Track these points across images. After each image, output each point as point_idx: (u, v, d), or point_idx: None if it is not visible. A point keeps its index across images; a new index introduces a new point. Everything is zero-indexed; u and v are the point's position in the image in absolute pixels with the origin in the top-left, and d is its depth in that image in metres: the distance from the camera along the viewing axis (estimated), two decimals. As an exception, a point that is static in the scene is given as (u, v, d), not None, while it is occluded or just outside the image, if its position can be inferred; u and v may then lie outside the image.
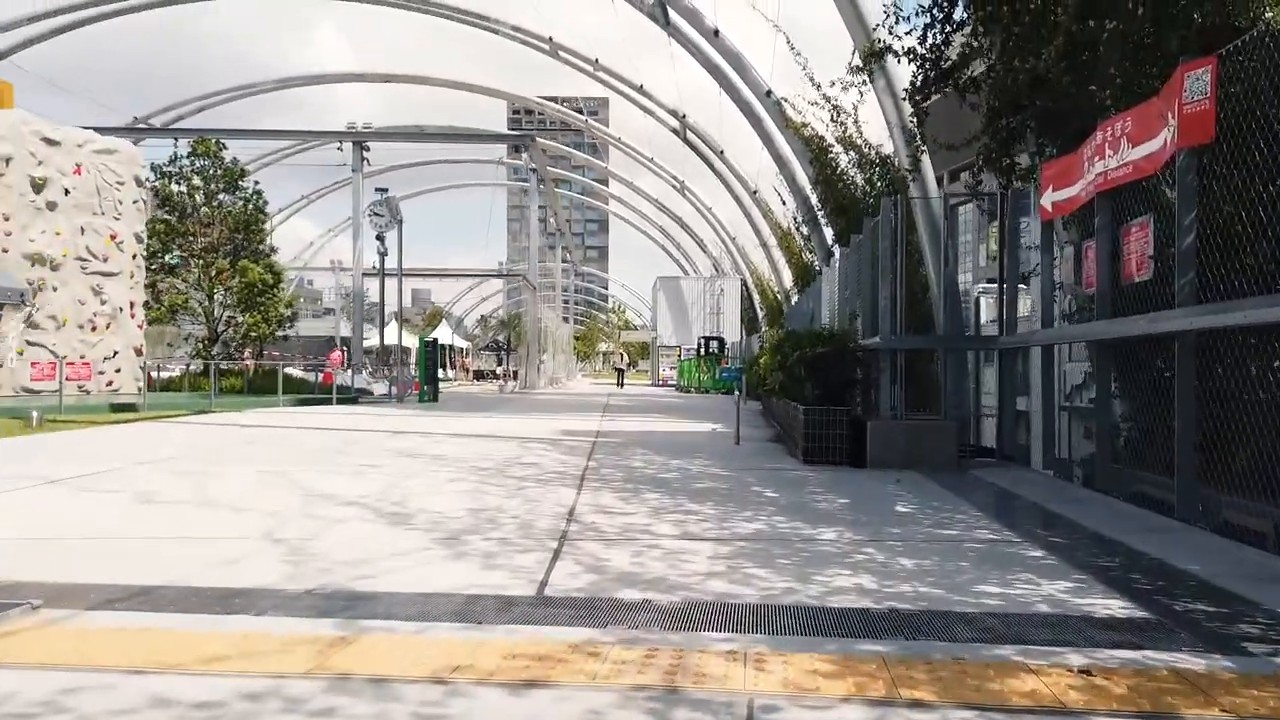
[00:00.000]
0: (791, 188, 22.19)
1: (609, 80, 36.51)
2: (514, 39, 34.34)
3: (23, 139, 17.43)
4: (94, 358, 18.80)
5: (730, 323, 49.38)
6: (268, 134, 33.27)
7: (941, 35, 8.91)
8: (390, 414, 16.43)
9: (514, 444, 10.33)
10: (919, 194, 12.00)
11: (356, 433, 11.76)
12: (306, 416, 15.06)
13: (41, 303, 17.83)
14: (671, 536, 4.71)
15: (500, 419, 15.43)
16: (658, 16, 21.98)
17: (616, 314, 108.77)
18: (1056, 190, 6.91)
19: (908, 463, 8.18)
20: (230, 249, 25.40)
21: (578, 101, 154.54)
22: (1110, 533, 4.86)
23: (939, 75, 8.92)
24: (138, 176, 19.86)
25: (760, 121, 22.33)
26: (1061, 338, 6.64)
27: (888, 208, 8.70)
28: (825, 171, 18.65)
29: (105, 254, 19.03)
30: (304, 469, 7.52)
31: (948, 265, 9.20)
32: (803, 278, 27.13)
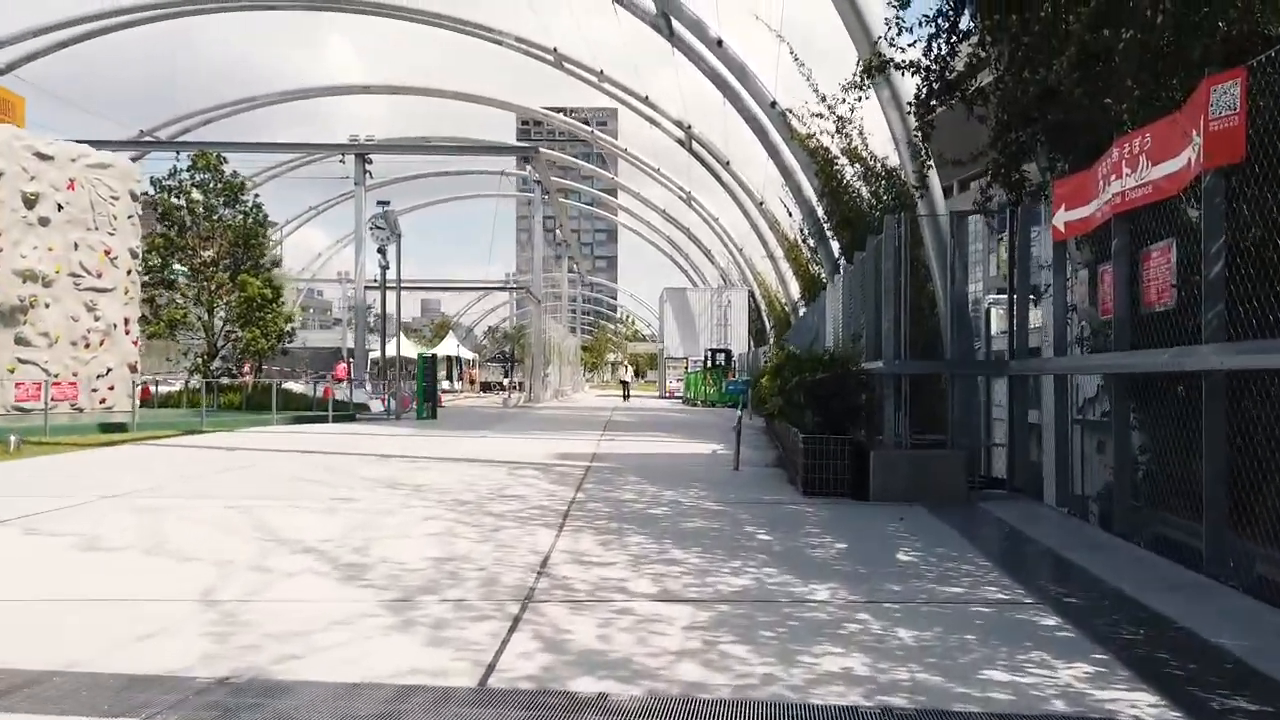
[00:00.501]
0: (797, 199, 21.82)
1: (614, 91, 36.27)
2: (517, 49, 34.12)
3: (14, 154, 17.19)
4: (87, 375, 18.53)
5: (737, 334, 48.98)
6: (270, 147, 33.09)
7: (947, 46, 8.51)
8: (384, 433, 16.06)
9: (503, 471, 9.93)
10: (926, 211, 11.58)
11: (342, 457, 11.38)
12: (296, 437, 14.69)
13: (33, 319, 17.58)
14: (648, 596, 4.29)
15: (495, 439, 15.04)
16: (661, 27, 21.67)
17: (625, 325, 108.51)
18: (1069, 209, 6.48)
19: (913, 494, 7.74)
20: (230, 263, 25.13)
21: (586, 112, 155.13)
22: (1132, 589, 4.42)
23: (944, 88, 8.51)
24: (133, 191, 19.61)
25: (765, 132, 21.99)
26: (1077, 368, 6.20)
27: (891, 226, 8.27)
28: (831, 183, 18.26)
29: (99, 270, 18.77)
30: (274, 504, 7.13)
31: (955, 285, 8.77)
32: (810, 290, 26.71)
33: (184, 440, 13.80)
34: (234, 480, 8.77)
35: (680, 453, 13.00)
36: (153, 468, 9.92)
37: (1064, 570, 5.11)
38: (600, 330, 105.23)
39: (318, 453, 11.91)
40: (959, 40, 8.57)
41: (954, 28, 8.50)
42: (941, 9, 8.49)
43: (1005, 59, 7.93)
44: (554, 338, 49.64)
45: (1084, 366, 6.03)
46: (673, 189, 47.66)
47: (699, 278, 65.68)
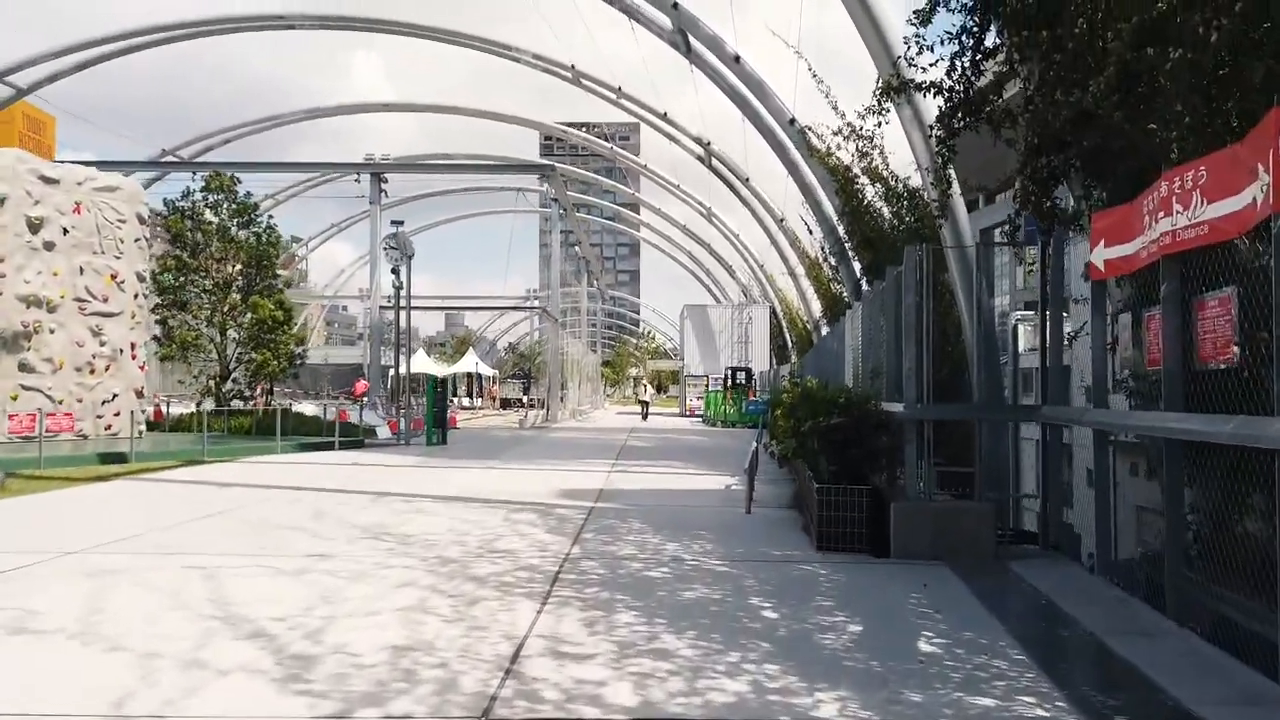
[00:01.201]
0: (818, 217, 21.26)
1: (632, 108, 35.91)
2: (536, 67, 33.87)
3: (18, 178, 16.96)
4: (92, 401, 18.23)
5: (759, 351, 48.28)
6: (285, 167, 33.02)
7: (971, 65, 7.91)
8: (389, 463, 15.58)
9: (500, 515, 9.38)
10: (951, 237, 10.95)
11: (336, 496, 10.88)
12: (296, 469, 14.24)
13: (37, 345, 17.30)
14: (625, 712, 3.70)
15: (501, 472, 14.50)
16: (679, 44, 21.23)
17: (646, 340, 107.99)
18: (1110, 246, 5.85)
19: (937, 552, 7.11)
20: (243, 284, 24.87)
21: (610, 127, 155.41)
22: (1199, 707, 3.77)
23: (968, 109, 7.90)
24: (140, 214, 19.36)
25: (784, 149, 21.47)
26: (1121, 426, 5.55)
27: (911, 259, 7.66)
28: (851, 203, 17.67)
29: (105, 294, 18.49)
30: (241, 564, 6.62)
31: (983, 321, 8.13)
32: (831, 308, 26.06)
33: (180, 474, 13.38)
34: (210, 530, 8.27)
35: (692, 488, 12.39)
36: (132, 512, 9.46)
37: (1112, 670, 4.47)
38: (622, 344, 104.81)
39: (312, 490, 11.43)
40: (984, 58, 7.97)
41: (979, 45, 7.90)
42: (966, 25, 7.89)
43: (1035, 78, 7.33)
44: (573, 355, 49.19)
45: (1129, 425, 5.39)
46: (693, 205, 47.20)
47: (720, 293, 65.10)
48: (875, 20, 11.37)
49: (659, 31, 21.37)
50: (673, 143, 35.75)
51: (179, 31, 33.64)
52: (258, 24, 34.87)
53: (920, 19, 8.07)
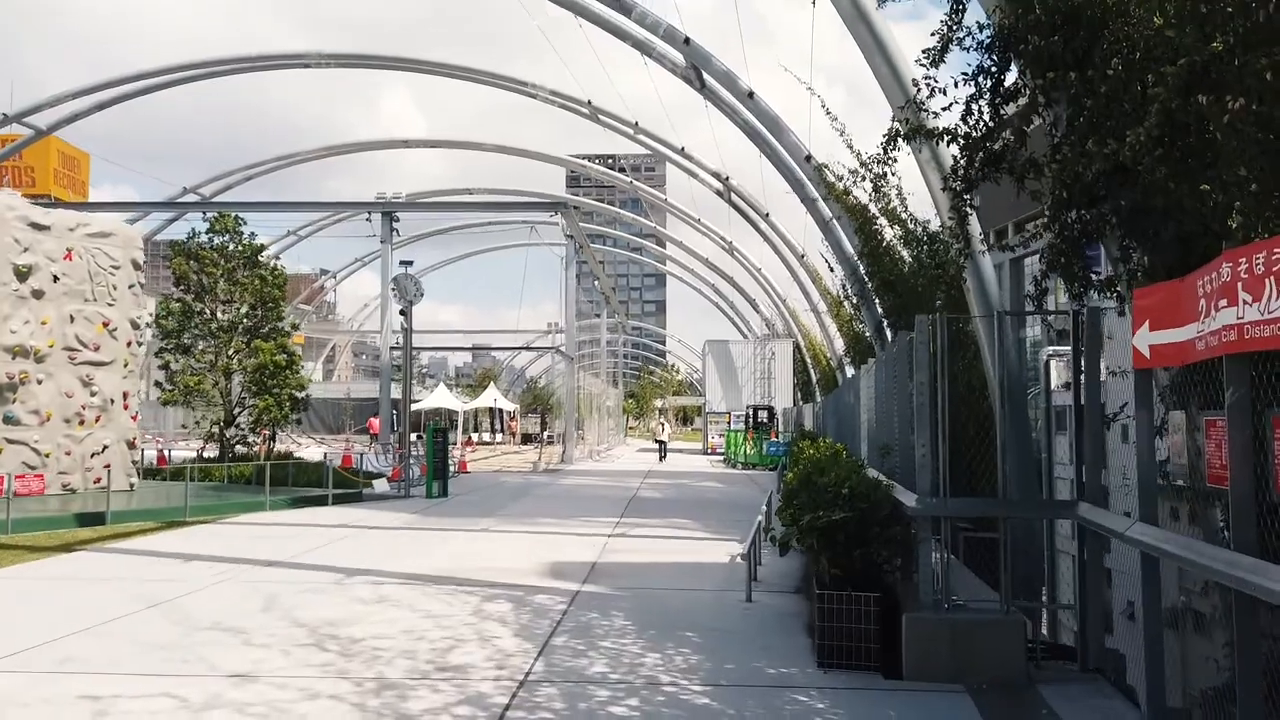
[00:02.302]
0: (838, 255, 20.39)
1: (650, 143, 35.38)
2: (552, 103, 33.50)
3: (6, 225, 16.49)
4: (81, 453, 17.61)
5: (782, 386, 47.21)
6: (300, 206, 32.74)
7: (989, 109, 7.01)
8: (378, 522, 14.74)
9: (472, 605, 8.47)
10: (976, 293, 10.00)
11: (301, 574, 10.04)
12: (273, 534, 13.44)
13: (23, 397, 16.72)
14: None
15: (494, 536, 13.60)
16: (692, 79, 20.57)
17: (670, 372, 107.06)
18: (1158, 329, 4.89)
19: (958, 671, 6.10)
20: (249, 327, 24.35)
21: (636, 159, 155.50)
22: None
23: (988, 158, 6.99)
24: (135, 260, 18.84)
25: (802, 186, 20.68)
26: (1175, 555, 4.54)
27: (922, 331, 6.71)
28: (870, 243, 16.76)
29: (97, 342, 17.93)
30: (142, 690, 5.76)
31: (1011, 398, 7.14)
32: (854, 346, 25.05)
33: (149, 542, 12.61)
34: (134, 633, 7.41)
35: (693, 562, 11.41)
36: (62, 605, 8.65)
37: None
38: (646, 376, 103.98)
39: (278, 565, 10.60)
40: (1004, 102, 7.07)
41: (998, 87, 6.99)
42: (983, 65, 7.00)
43: (1063, 125, 6.42)
44: (591, 392, 48.36)
45: (1187, 559, 4.39)
46: (714, 238, 46.50)
47: (744, 326, 64.21)
48: (889, 58, 10.55)
49: (672, 67, 20.75)
50: (692, 177, 35.16)
51: (196, 72, 33.64)
52: (276, 63, 34.86)
53: (931, 59, 7.17)
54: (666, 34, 19.19)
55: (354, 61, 34.42)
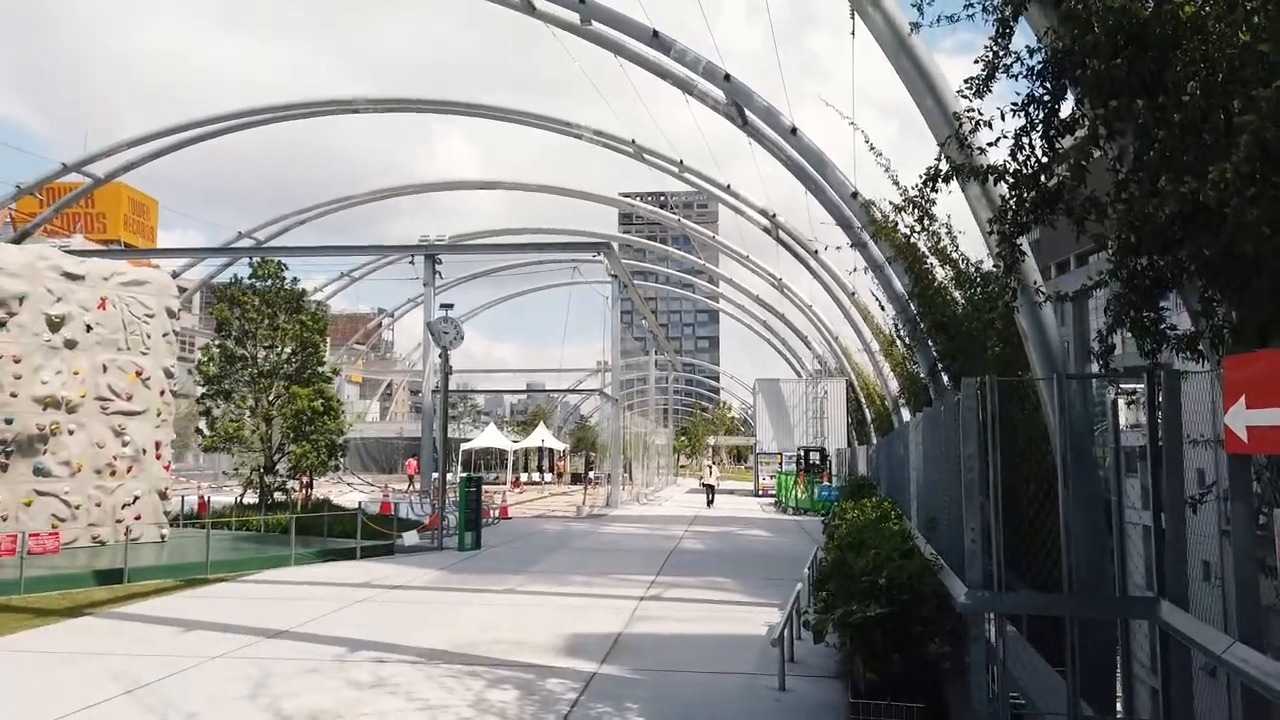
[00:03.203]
0: (888, 294, 19.45)
1: (695, 181, 34.89)
2: (597, 143, 33.23)
3: (39, 275, 16.46)
4: (112, 504, 17.39)
5: (835, 426, 45.87)
6: (346, 250, 32.86)
7: (1043, 143, 6.19)
8: (401, 580, 14.09)
9: (472, 694, 7.71)
10: (1034, 339, 9.05)
11: (302, 648, 9.41)
12: (289, 595, 12.90)
13: (54, 448, 16.57)
14: None
15: (518, 599, 12.86)
16: (734, 116, 19.95)
17: (722, 410, 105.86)
18: (1255, 406, 4.00)
19: (1015, 800, 5.16)
20: (290, 372, 24.19)
21: (685, 196, 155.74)
22: None
23: (1040, 198, 6.15)
24: (169, 307, 18.73)
25: (849, 222, 19.82)
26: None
27: (969, 395, 5.85)
28: (921, 283, 15.82)
29: (129, 392, 17.77)
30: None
31: (1078, 471, 6.20)
32: (909, 387, 23.93)
33: (159, 604, 12.14)
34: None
35: (728, 634, 10.51)
36: (41, 683, 8.13)
37: None
38: (698, 414, 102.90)
39: (281, 638, 9.99)
40: (1059, 134, 6.24)
41: (1051, 118, 6.17)
42: (1033, 94, 6.19)
43: (1130, 160, 5.58)
44: (639, 432, 47.56)
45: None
46: (764, 275, 45.73)
47: (797, 363, 63.04)
48: (933, 87, 9.76)
49: (714, 105, 20.18)
50: (738, 214, 34.57)
51: (247, 119, 34.11)
52: (325, 109, 35.23)
53: (975, 89, 6.38)
54: (706, 71, 18.64)
55: (399, 106, 34.67)
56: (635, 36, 19.00)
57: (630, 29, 18.84)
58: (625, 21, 18.82)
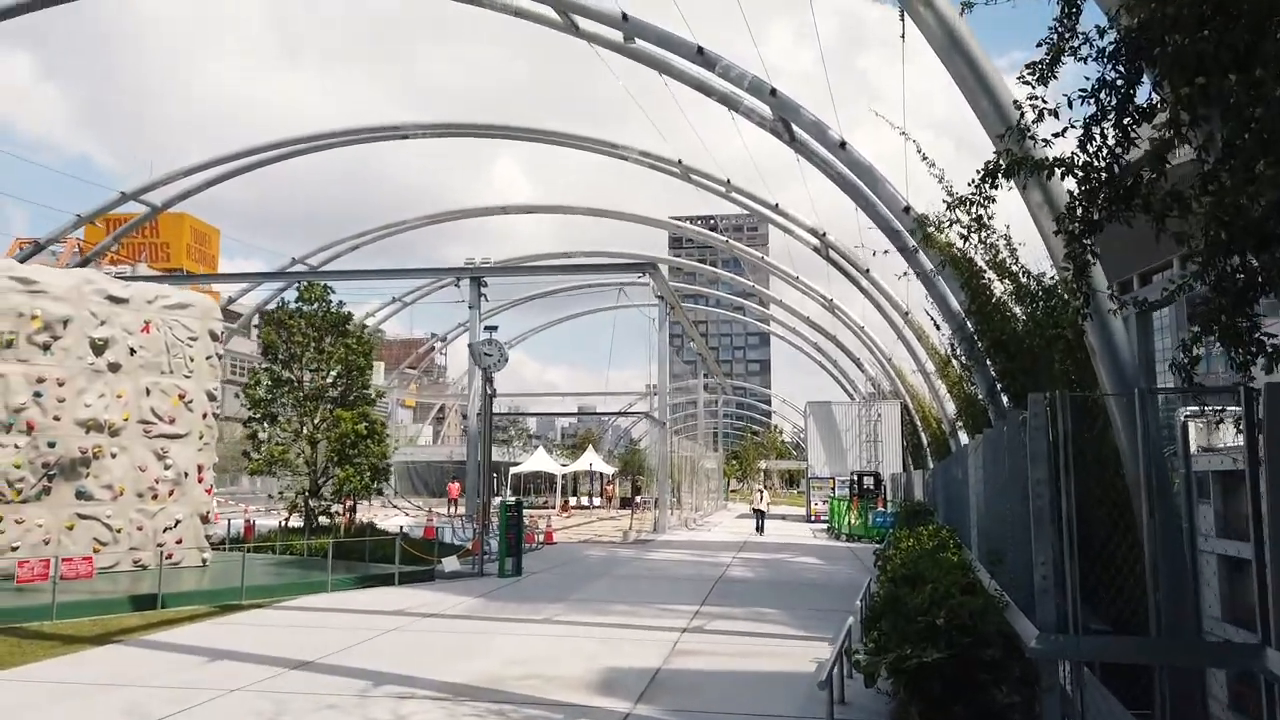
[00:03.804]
0: (943, 313, 18.69)
1: (743, 200, 34.37)
2: (643, 164, 32.97)
3: (83, 299, 16.53)
4: (153, 528, 17.31)
5: (890, 452, 44.70)
6: (392, 273, 32.97)
7: (1116, 132, 5.57)
8: (436, 609, 13.65)
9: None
10: (1104, 355, 8.33)
11: (323, 681, 9.00)
12: (320, 623, 12.55)
13: (97, 471, 16.56)
14: None
15: (555, 629, 12.32)
16: (781, 132, 19.46)
17: (773, 436, 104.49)
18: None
19: None
20: (336, 395, 24.14)
21: (736, 219, 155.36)
22: None
23: (1115, 194, 5.52)
24: (213, 331, 18.72)
25: (901, 238, 19.12)
26: None
27: (1038, 413, 5.21)
28: (978, 299, 15.07)
29: (172, 415, 17.74)
30: None
31: (1163, 499, 5.50)
32: (967, 410, 22.96)
33: (189, 631, 11.87)
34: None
35: (772, 672, 9.85)
36: (54, 717, 7.81)
37: None
38: (749, 439, 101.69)
39: (307, 668, 9.60)
40: (1135, 122, 5.61)
41: (1125, 104, 5.54)
42: (1105, 78, 5.57)
43: (1218, 146, 4.94)
44: (688, 457, 46.84)
45: None
46: (815, 297, 44.96)
47: (850, 385, 61.85)
48: (984, 78, 9.15)
49: (760, 121, 19.70)
50: (787, 234, 33.98)
51: (297, 147, 34.51)
52: (376, 134, 35.51)
53: (1038, 75, 5.79)
54: (752, 86, 18.18)
55: (447, 131, 34.82)
56: (679, 53, 18.64)
57: (674, 45, 18.47)
58: (669, 38, 18.47)
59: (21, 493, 15.52)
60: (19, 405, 15.54)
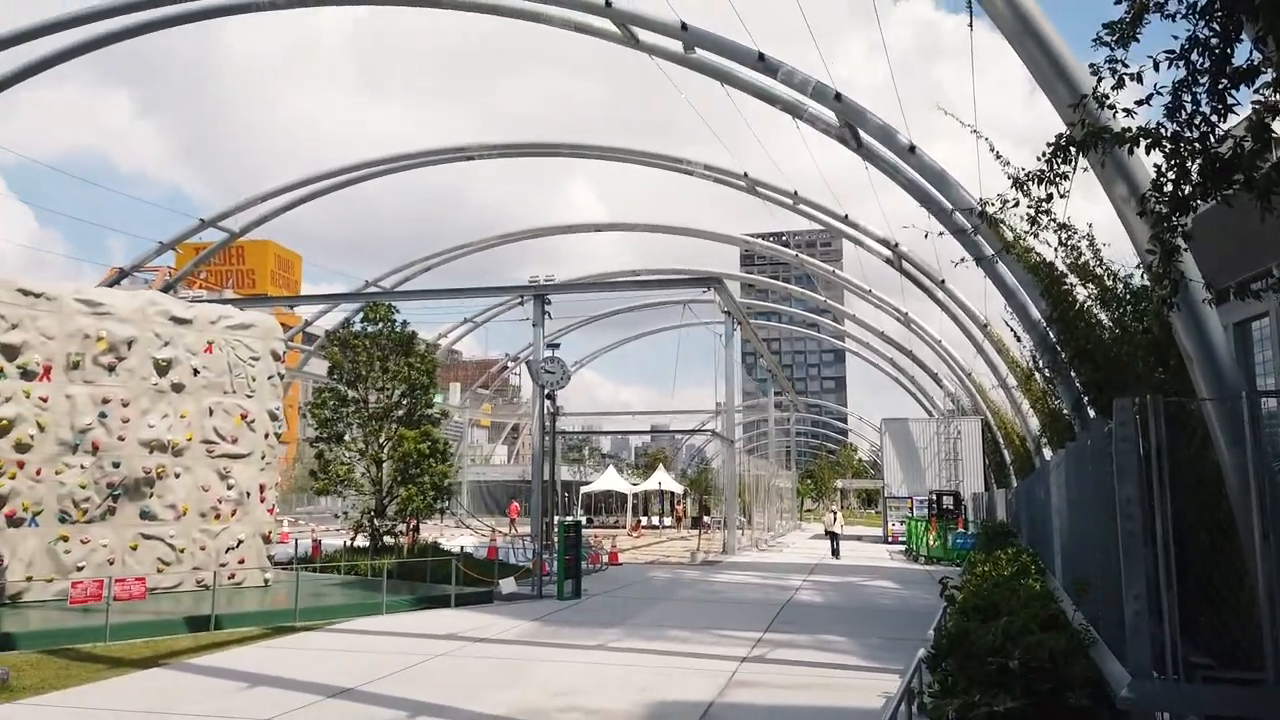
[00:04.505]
0: (1024, 323, 17.67)
1: (811, 212, 33.55)
2: (708, 178, 32.50)
3: (147, 320, 16.75)
4: (216, 548, 17.37)
5: (971, 471, 42.96)
6: (455, 293, 33.04)
7: (1212, 98, 4.85)
8: (489, 633, 13.23)
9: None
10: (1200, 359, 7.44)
11: (360, 708, 8.62)
12: (369, 647, 12.24)
13: (160, 491, 16.70)
14: None
15: (609, 655, 11.77)
16: (847, 139, 18.74)
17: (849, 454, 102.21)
18: None
19: None
20: (400, 415, 24.14)
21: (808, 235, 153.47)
22: None
23: (1210, 169, 4.77)
24: (275, 350, 18.82)
25: (976, 246, 18.15)
26: None
27: (1125, 421, 4.48)
28: (1060, 306, 14.09)
29: (235, 435, 17.84)
30: None
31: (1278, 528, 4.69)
32: (1052, 425, 21.71)
33: (235, 655, 11.68)
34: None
35: (836, 707, 9.12)
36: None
37: None
38: (824, 457, 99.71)
39: (345, 696, 9.25)
40: (1233, 86, 4.87)
41: (1222, 64, 4.81)
42: (1196, 35, 4.84)
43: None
44: (759, 476, 45.85)
45: None
46: (889, 311, 43.72)
47: (928, 401, 59.99)
48: (1049, 48, 8.37)
49: (825, 128, 19.00)
50: (858, 246, 33.02)
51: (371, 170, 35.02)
52: (444, 156, 35.80)
53: (1117, 35, 5.08)
54: (816, 91, 17.53)
55: (512, 151, 34.96)
56: (740, 61, 18.11)
57: (734, 53, 17.95)
58: (729, 46, 17.96)
59: (87, 513, 15.70)
60: (85, 426, 15.77)
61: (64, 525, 15.43)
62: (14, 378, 15.04)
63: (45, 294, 15.63)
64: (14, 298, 15.19)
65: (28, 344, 15.23)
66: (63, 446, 15.53)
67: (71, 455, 15.63)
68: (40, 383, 15.36)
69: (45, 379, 15.43)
